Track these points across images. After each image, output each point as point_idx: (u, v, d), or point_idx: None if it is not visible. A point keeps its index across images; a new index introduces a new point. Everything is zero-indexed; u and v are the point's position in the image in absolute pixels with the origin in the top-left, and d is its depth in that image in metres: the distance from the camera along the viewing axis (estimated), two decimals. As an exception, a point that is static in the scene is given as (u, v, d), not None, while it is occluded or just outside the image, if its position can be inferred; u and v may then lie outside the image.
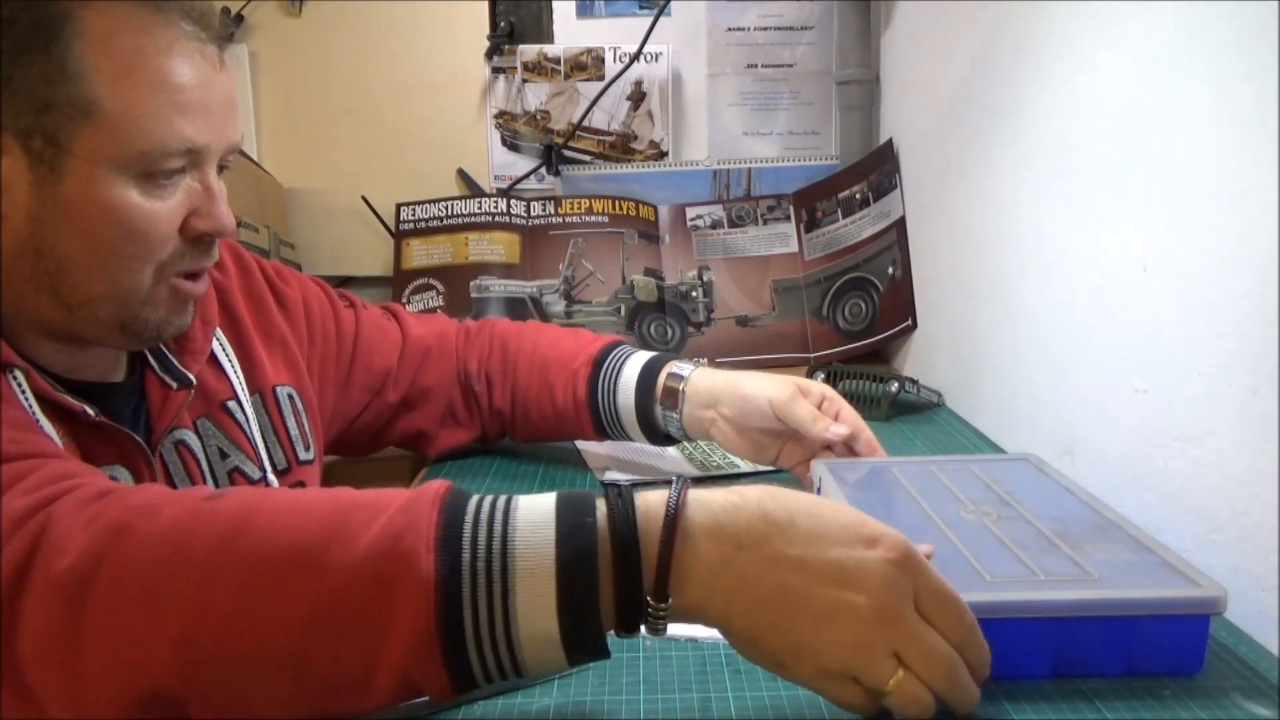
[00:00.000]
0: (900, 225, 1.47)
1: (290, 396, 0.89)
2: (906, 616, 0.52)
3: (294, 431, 0.88)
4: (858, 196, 1.57)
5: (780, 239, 1.66)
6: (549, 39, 1.69)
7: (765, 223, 1.67)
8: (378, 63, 1.68)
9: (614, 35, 1.68)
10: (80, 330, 0.70)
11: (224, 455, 0.81)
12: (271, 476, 0.84)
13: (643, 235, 1.64)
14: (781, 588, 0.51)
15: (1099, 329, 0.88)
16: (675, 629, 0.69)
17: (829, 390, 0.92)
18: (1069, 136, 0.94)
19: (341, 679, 0.50)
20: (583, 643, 0.51)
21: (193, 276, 0.73)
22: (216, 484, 0.80)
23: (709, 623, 0.54)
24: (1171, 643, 0.61)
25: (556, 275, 1.61)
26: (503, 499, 0.54)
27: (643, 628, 0.53)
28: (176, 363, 0.79)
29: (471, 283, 1.59)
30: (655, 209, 1.67)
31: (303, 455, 0.89)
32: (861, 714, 0.54)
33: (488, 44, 1.68)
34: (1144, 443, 0.81)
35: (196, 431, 0.80)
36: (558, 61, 1.69)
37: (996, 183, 1.12)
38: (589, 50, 1.69)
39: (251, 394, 0.86)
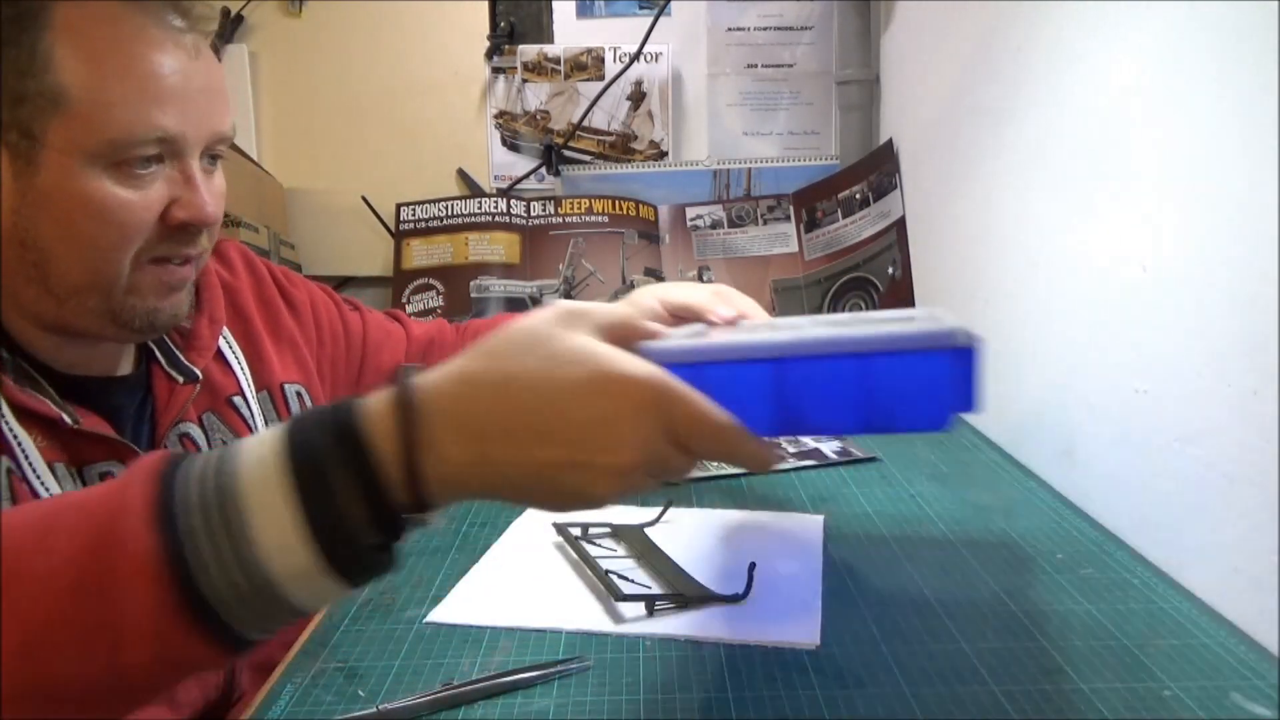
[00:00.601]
0: (900, 225, 1.47)
1: (299, 394, 0.90)
2: (661, 454, 0.50)
3: None
4: (858, 196, 1.57)
5: (780, 239, 1.66)
6: (549, 39, 1.69)
7: (765, 223, 1.67)
8: (378, 63, 1.68)
9: (614, 35, 1.68)
10: (73, 321, 0.70)
11: None
12: None
13: (643, 235, 1.64)
14: (536, 465, 0.48)
15: (1099, 329, 0.88)
16: (675, 629, 0.69)
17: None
18: (1069, 136, 0.94)
19: (93, 692, 0.45)
20: (343, 560, 0.46)
21: (182, 263, 0.73)
22: None
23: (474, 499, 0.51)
24: (907, 388, 0.53)
25: (556, 275, 1.61)
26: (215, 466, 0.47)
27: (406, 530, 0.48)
28: (183, 358, 0.80)
29: (471, 283, 1.59)
30: (655, 209, 1.67)
31: None
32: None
33: (488, 44, 1.68)
34: (1144, 443, 0.81)
35: (201, 425, 0.80)
36: (558, 61, 1.69)
37: (996, 183, 1.12)
38: (589, 50, 1.69)
39: (259, 390, 0.86)
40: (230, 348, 0.85)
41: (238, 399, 0.84)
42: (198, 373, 0.79)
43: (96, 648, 0.43)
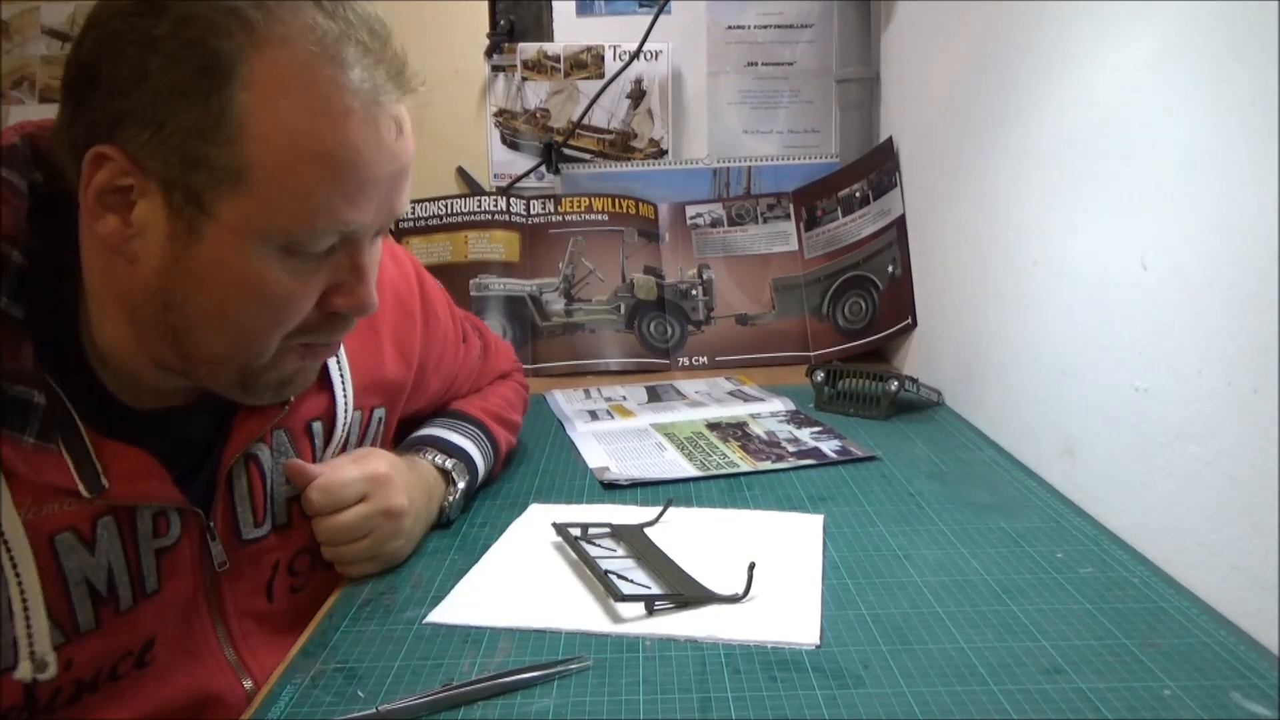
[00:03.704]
0: (900, 223, 1.47)
1: (380, 420, 0.86)
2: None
3: None
4: (857, 195, 1.57)
5: (780, 237, 1.66)
6: (549, 37, 1.69)
7: (765, 221, 1.67)
8: (377, 61, 1.68)
9: (614, 33, 1.68)
10: (200, 381, 0.67)
11: (288, 480, 0.77)
12: None
13: (642, 233, 1.64)
14: None
15: (1099, 328, 0.88)
16: (675, 629, 0.69)
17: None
18: (1069, 135, 0.94)
19: None
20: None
21: (327, 344, 0.70)
22: (272, 511, 0.76)
23: None
24: None
25: (556, 273, 1.61)
26: None
27: None
28: None
29: (471, 281, 1.59)
30: (655, 207, 1.67)
31: None
32: None
33: (488, 42, 1.68)
34: (1144, 442, 0.81)
35: (271, 446, 0.76)
36: (557, 60, 1.69)
37: (996, 181, 1.12)
38: (589, 48, 1.68)
39: (355, 409, 0.81)
40: (337, 363, 0.79)
41: (317, 424, 0.78)
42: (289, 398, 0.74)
43: None
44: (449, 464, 0.90)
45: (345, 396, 0.80)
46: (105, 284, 0.64)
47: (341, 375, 0.80)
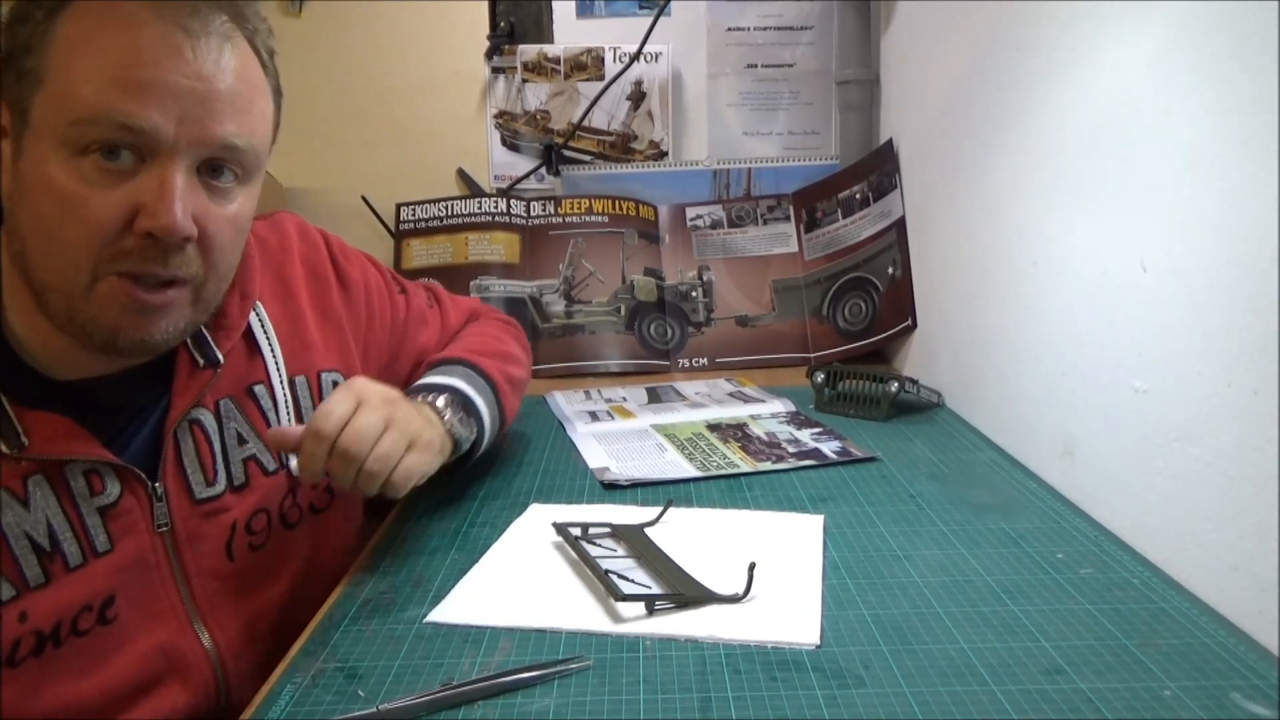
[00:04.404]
0: (900, 225, 1.47)
1: (334, 383, 0.88)
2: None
3: None
4: (858, 196, 1.57)
5: (780, 239, 1.66)
6: (549, 39, 1.69)
7: (765, 223, 1.67)
8: (378, 63, 1.68)
9: (614, 35, 1.68)
10: (51, 319, 0.68)
11: (242, 441, 0.80)
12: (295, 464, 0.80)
13: (643, 235, 1.64)
14: None
15: (1099, 329, 0.88)
16: (675, 629, 0.69)
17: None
18: (1069, 135, 0.94)
19: None
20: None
21: (155, 286, 0.67)
22: (228, 470, 0.79)
23: None
24: None
25: (556, 275, 1.61)
26: None
27: None
28: (210, 339, 0.77)
29: (471, 282, 1.59)
30: (655, 209, 1.67)
31: None
32: None
33: (488, 44, 1.68)
34: (1144, 443, 0.81)
35: (217, 413, 0.79)
36: (558, 61, 1.69)
37: (996, 182, 1.12)
38: (589, 50, 1.69)
39: (295, 375, 0.85)
40: (262, 326, 0.82)
41: (260, 388, 0.82)
42: (219, 357, 0.77)
43: None
44: (429, 398, 0.89)
45: (276, 359, 0.83)
46: None
47: (268, 338, 0.83)
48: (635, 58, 1.66)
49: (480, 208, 1.65)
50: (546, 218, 1.65)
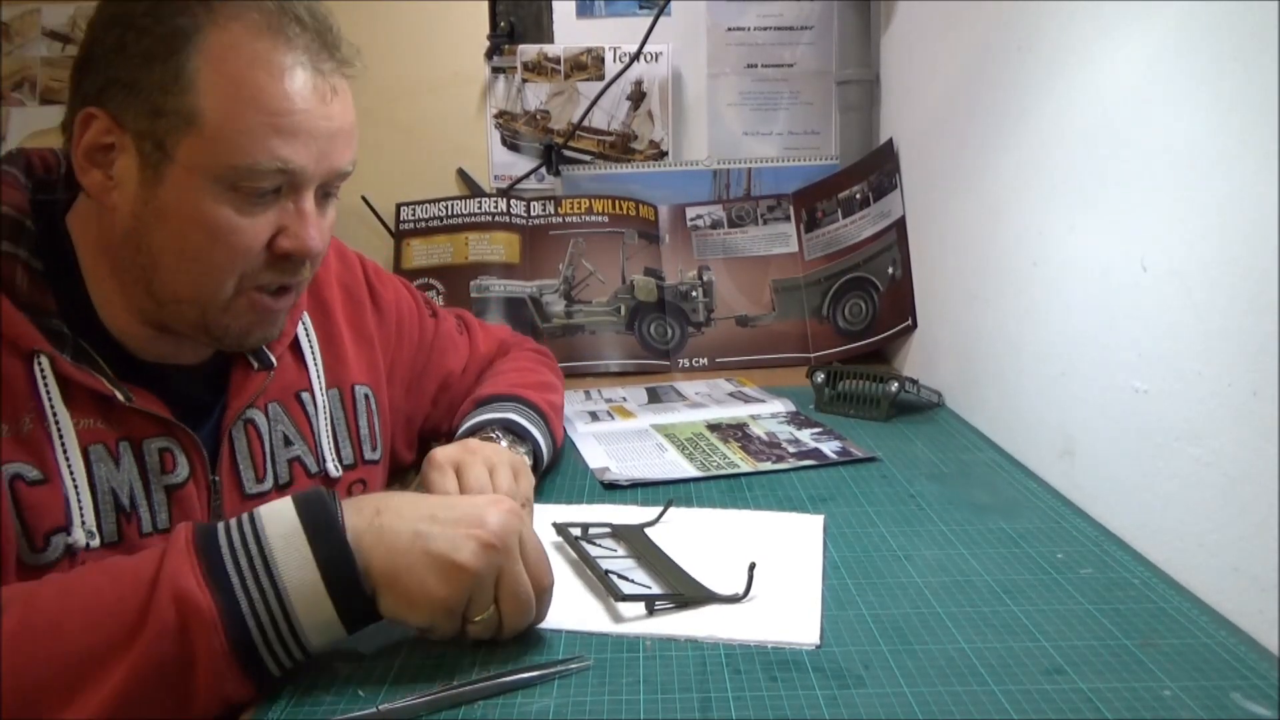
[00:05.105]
0: (900, 225, 1.47)
1: (366, 396, 0.93)
2: (497, 572, 0.65)
3: (364, 431, 0.92)
4: (858, 196, 1.57)
5: (780, 239, 1.66)
6: (549, 39, 1.69)
7: (765, 223, 1.67)
8: (377, 63, 1.66)
9: (614, 35, 1.68)
10: (170, 323, 0.75)
11: (288, 443, 0.85)
12: (333, 468, 0.87)
13: (643, 235, 1.64)
14: (413, 534, 0.64)
15: (1099, 329, 0.88)
16: (675, 629, 0.69)
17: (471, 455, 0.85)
18: (1069, 136, 0.94)
19: None
20: (356, 617, 0.63)
21: (279, 292, 0.76)
22: (275, 470, 0.83)
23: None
24: None
25: (556, 275, 1.61)
26: (245, 524, 0.63)
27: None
28: (263, 345, 0.82)
29: (472, 283, 1.59)
30: (655, 209, 1.67)
31: (369, 455, 0.92)
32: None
33: (488, 44, 1.68)
34: (1144, 443, 0.81)
35: (266, 415, 0.83)
36: (558, 61, 1.69)
37: (996, 183, 1.12)
38: (589, 50, 1.69)
39: (330, 388, 0.89)
40: (308, 337, 0.88)
41: (305, 395, 0.87)
42: (273, 360, 0.83)
43: (178, 691, 0.59)
44: (493, 434, 0.94)
45: (318, 369, 0.88)
46: (95, 241, 0.74)
47: (312, 348, 0.88)
48: (635, 58, 1.66)
49: (480, 208, 1.65)
50: (546, 218, 1.65)
